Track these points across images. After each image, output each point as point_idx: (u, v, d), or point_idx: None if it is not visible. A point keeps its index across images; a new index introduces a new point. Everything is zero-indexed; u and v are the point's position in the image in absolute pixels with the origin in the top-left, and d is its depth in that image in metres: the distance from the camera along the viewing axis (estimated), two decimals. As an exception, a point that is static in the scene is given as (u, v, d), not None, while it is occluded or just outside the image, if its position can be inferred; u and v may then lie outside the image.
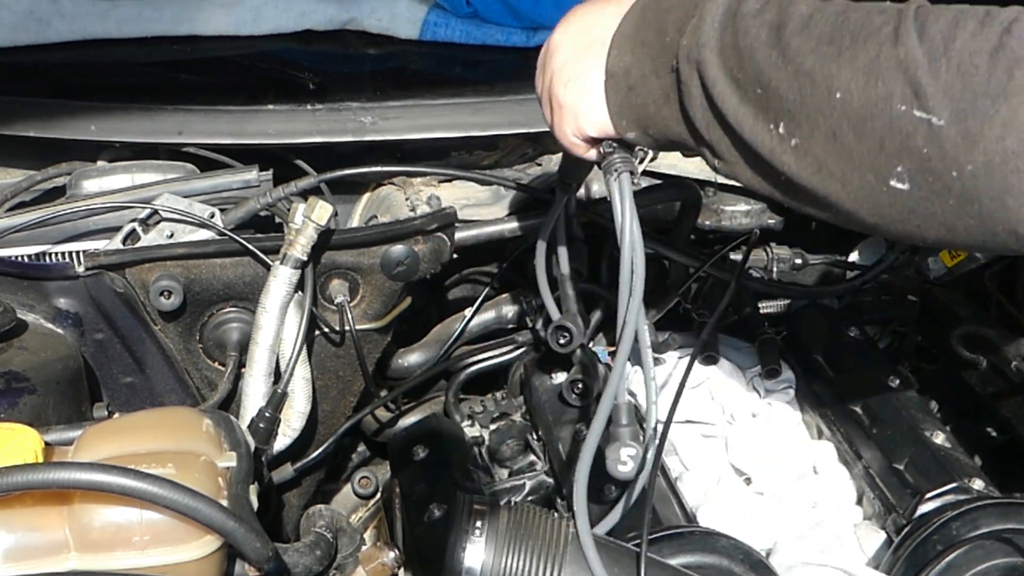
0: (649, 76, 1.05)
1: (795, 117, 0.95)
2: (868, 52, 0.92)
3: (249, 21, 1.63)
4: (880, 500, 1.25)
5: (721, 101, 0.99)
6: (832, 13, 0.97)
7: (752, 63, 0.97)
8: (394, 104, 1.51)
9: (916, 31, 0.91)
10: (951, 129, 0.88)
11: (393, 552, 1.28)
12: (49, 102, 1.49)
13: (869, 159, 0.92)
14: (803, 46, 0.96)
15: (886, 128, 0.91)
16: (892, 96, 0.90)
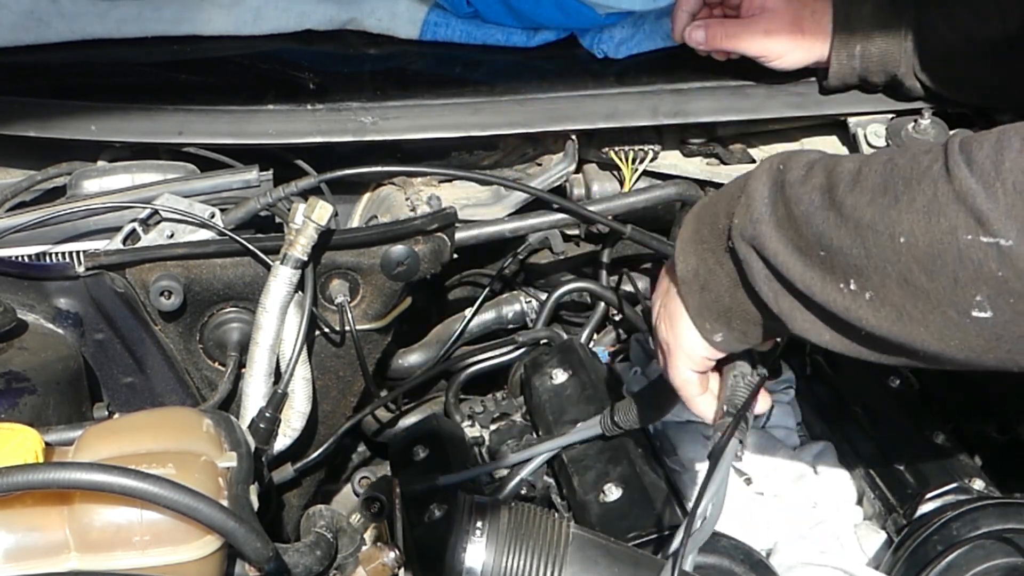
0: (715, 268, 1.06)
1: (863, 271, 0.97)
2: (925, 193, 0.94)
3: (249, 21, 1.63)
4: (880, 500, 1.25)
5: (786, 270, 1.00)
6: (879, 163, 0.99)
7: (810, 228, 0.99)
8: (394, 104, 1.51)
9: (964, 162, 0.93)
10: (1021, 247, 0.89)
11: (393, 552, 1.28)
12: (49, 102, 1.49)
13: (946, 295, 0.93)
14: (858, 201, 0.97)
15: (956, 261, 0.92)
16: (956, 229, 0.92)
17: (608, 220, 1.47)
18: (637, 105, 1.53)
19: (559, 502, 1.30)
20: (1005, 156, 0.91)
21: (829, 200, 0.99)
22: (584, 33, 1.63)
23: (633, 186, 1.56)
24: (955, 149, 0.94)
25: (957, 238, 0.92)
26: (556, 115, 1.52)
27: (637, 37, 1.62)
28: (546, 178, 1.56)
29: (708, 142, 1.60)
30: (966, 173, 0.92)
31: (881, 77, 1.50)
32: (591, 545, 1.06)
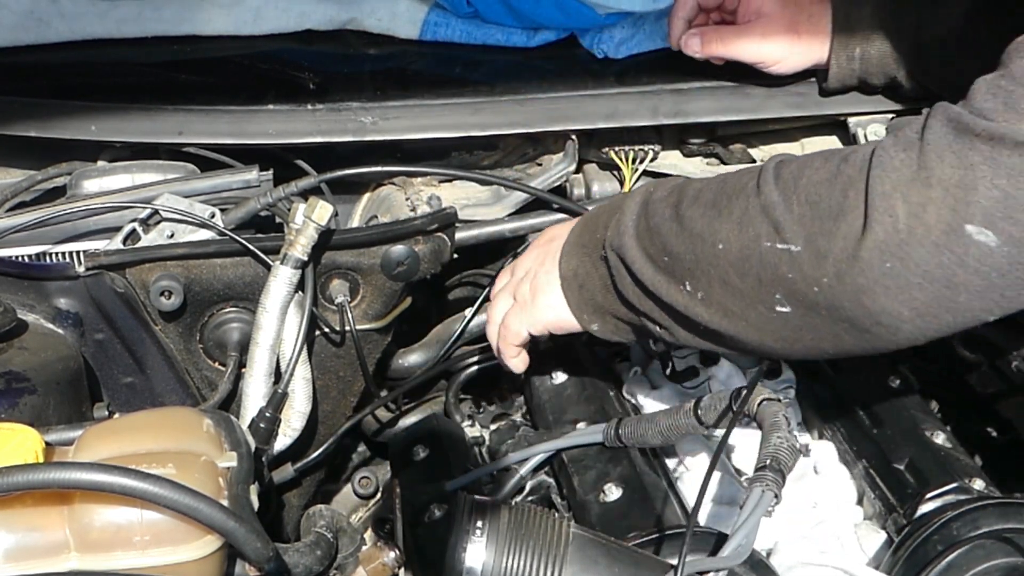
0: (591, 272, 1.22)
1: (695, 274, 1.12)
2: (740, 206, 1.09)
3: (249, 21, 1.63)
4: (880, 500, 1.25)
5: (642, 275, 1.16)
6: (716, 182, 1.16)
7: (659, 237, 1.15)
8: (394, 104, 1.51)
9: (773, 178, 1.08)
10: (805, 252, 1.03)
11: (393, 552, 1.28)
12: (49, 102, 1.49)
13: (755, 294, 1.08)
14: (694, 213, 1.13)
15: (760, 265, 1.07)
16: (760, 237, 1.07)
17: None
18: (637, 105, 1.53)
19: (559, 502, 1.30)
20: (805, 172, 1.06)
21: (675, 213, 1.15)
22: (584, 33, 1.63)
23: (633, 186, 1.56)
24: (769, 168, 1.09)
25: (760, 245, 1.06)
26: (556, 115, 1.52)
27: (637, 37, 1.62)
28: (546, 178, 1.56)
29: (708, 142, 1.61)
30: (772, 187, 1.07)
31: (881, 79, 1.50)
32: (591, 545, 1.06)
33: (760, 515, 0.97)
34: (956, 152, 0.97)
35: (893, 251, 0.99)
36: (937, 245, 0.97)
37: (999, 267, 0.97)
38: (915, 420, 1.33)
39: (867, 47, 1.47)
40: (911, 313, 1.01)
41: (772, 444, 1.03)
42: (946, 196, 0.96)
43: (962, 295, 0.99)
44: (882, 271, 0.99)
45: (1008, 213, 0.95)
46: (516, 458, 1.30)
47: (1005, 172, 0.94)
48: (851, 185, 1.02)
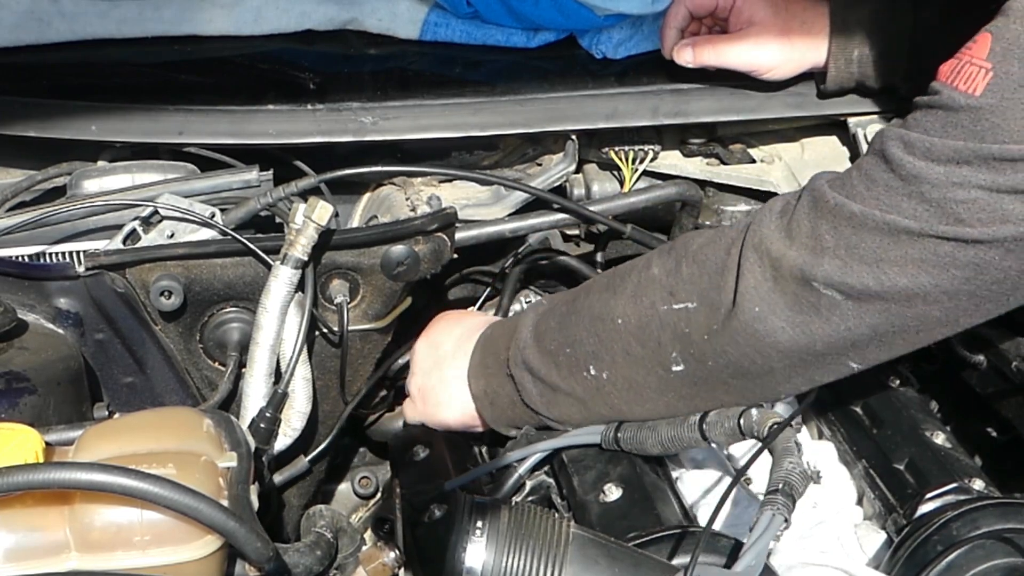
0: (499, 389, 1.30)
1: (598, 354, 1.20)
2: (632, 281, 1.20)
3: (250, 21, 1.63)
4: (880, 500, 1.25)
5: (548, 378, 1.24)
6: (610, 271, 1.26)
7: (559, 333, 1.24)
8: (394, 104, 1.51)
9: (666, 251, 1.20)
10: (701, 307, 1.14)
11: (393, 552, 1.28)
12: (49, 102, 1.49)
13: (655, 356, 1.17)
14: (591, 300, 1.23)
15: (659, 327, 1.16)
16: (655, 303, 1.17)
17: (608, 220, 1.47)
18: (637, 105, 1.53)
19: (559, 502, 1.30)
20: (695, 240, 1.19)
21: (571, 308, 1.25)
22: (583, 34, 1.63)
23: (633, 186, 1.56)
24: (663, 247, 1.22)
25: (657, 310, 1.17)
26: (556, 115, 1.52)
27: (636, 38, 1.62)
28: (546, 178, 1.56)
29: (708, 142, 1.61)
30: (666, 257, 1.19)
31: (878, 81, 1.50)
32: (591, 545, 1.06)
33: (770, 538, 0.98)
34: (811, 221, 1.09)
35: (761, 296, 1.10)
36: (795, 294, 1.09)
37: (847, 317, 1.08)
38: (915, 420, 1.33)
39: (865, 49, 1.47)
40: (779, 356, 1.12)
41: (784, 469, 1.04)
42: (799, 255, 1.08)
43: (819, 344, 1.10)
44: (752, 315, 1.10)
45: (843, 278, 1.06)
46: (515, 457, 1.30)
47: (844, 245, 1.06)
48: (732, 243, 1.14)
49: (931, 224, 1.03)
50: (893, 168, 1.05)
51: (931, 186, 1.03)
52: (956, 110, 1.02)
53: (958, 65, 1.04)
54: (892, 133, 1.07)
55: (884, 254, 1.05)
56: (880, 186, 1.06)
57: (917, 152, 1.04)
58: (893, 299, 1.06)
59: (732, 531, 1.15)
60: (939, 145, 1.03)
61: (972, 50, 1.04)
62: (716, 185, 1.60)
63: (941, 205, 1.03)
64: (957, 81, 1.03)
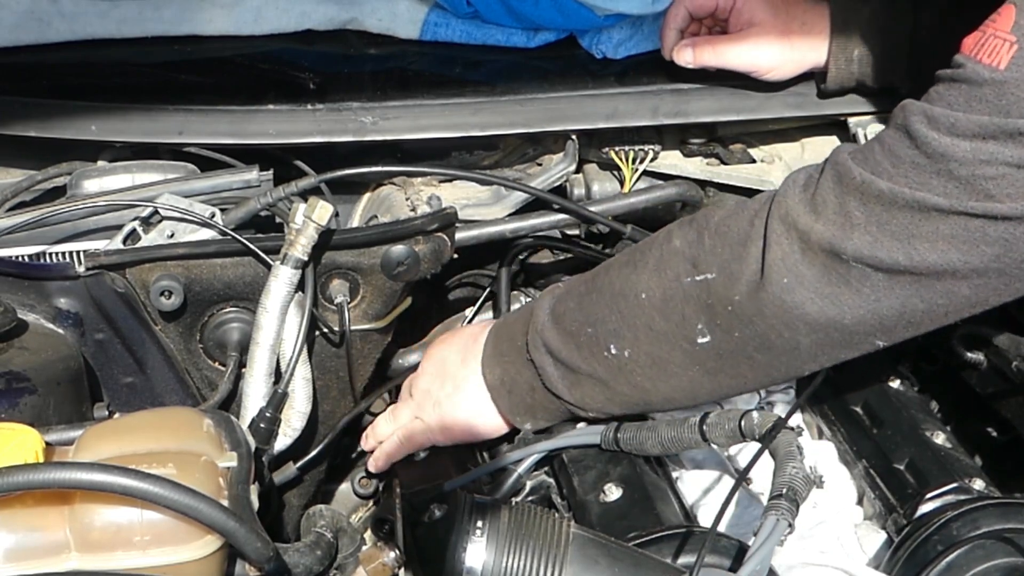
0: (516, 376, 1.28)
1: (620, 332, 1.19)
2: (654, 254, 1.20)
3: (250, 21, 1.63)
4: (880, 500, 1.25)
5: (568, 360, 1.23)
6: (630, 247, 1.26)
7: (579, 313, 1.22)
8: (394, 104, 1.51)
9: (687, 223, 1.20)
10: (720, 276, 1.13)
11: (393, 552, 1.28)
12: (49, 102, 1.49)
13: (679, 330, 1.16)
14: (611, 276, 1.23)
15: (683, 300, 1.16)
16: (679, 275, 1.16)
17: (608, 220, 1.47)
18: (637, 105, 1.53)
19: (559, 502, 1.30)
20: (716, 212, 1.18)
21: (591, 285, 1.24)
22: (583, 34, 1.63)
23: (633, 186, 1.56)
24: (683, 219, 1.21)
25: (681, 282, 1.16)
26: (556, 115, 1.52)
27: (636, 38, 1.62)
28: (546, 178, 1.56)
29: (708, 142, 1.60)
30: (687, 229, 1.19)
31: (879, 81, 1.50)
32: (591, 545, 1.06)
33: (774, 543, 0.99)
34: (837, 197, 1.09)
35: (789, 267, 1.10)
36: (824, 266, 1.09)
37: (877, 289, 1.08)
38: (915, 420, 1.33)
39: (865, 49, 1.47)
40: (806, 329, 1.12)
41: (788, 473, 1.04)
42: (827, 230, 1.09)
43: (847, 317, 1.10)
44: (780, 286, 1.10)
45: (874, 252, 1.07)
46: (515, 457, 1.30)
47: (875, 222, 1.07)
48: (756, 215, 1.14)
49: (961, 200, 1.03)
50: (918, 145, 1.05)
51: (958, 163, 1.03)
52: (980, 84, 1.02)
53: (982, 38, 1.04)
54: (915, 107, 1.07)
55: (915, 230, 1.05)
56: (906, 163, 1.06)
57: (942, 128, 1.04)
58: (923, 274, 1.06)
59: (732, 531, 1.16)
60: (964, 120, 1.03)
61: (997, 22, 1.03)
62: (716, 185, 1.60)
63: (970, 182, 1.03)
64: (981, 54, 1.03)
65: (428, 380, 1.36)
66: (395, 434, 1.39)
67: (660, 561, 1.07)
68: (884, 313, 1.10)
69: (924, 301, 1.09)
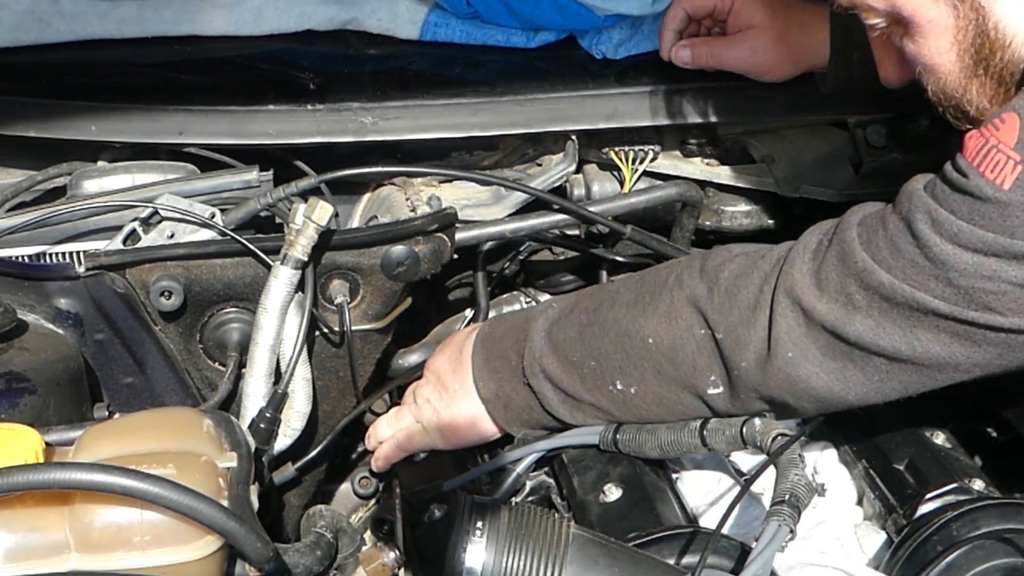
0: (512, 394, 1.28)
1: (625, 370, 1.20)
2: (664, 301, 1.19)
3: (250, 22, 1.63)
4: (880, 500, 1.25)
5: (571, 390, 1.23)
6: (633, 282, 1.25)
7: (581, 345, 1.22)
8: (394, 104, 1.51)
9: (698, 271, 1.19)
10: (727, 339, 1.14)
11: (393, 552, 1.28)
12: (49, 102, 1.49)
13: (689, 379, 1.17)
14: (617, 314, 1.21)
15: (695, 351, 1.16)
16: (692, 327, 1.16)
17: (608, 220, 1.47)
18: (637, 105, 1.53)
19: (559, 502, 1.30)
20: (727, 267, 1.17)
21: (593, 318, 1.23)
22: (583, 34, 1.63)
23: (633, 186, 1.56)
24: (692, 262, 1.21)
25: (694, 333, 1.16)
26: (556, 115, 1.52)
27: (636, 39, 1.62)
28: (546, 178, 1.56)
29: (708, 142, 1.61)
30: (697, 280, 1.18)
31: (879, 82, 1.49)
32: (591, 545, 1.06)
33: (775, 548, 0.99)
34: (839, 276, 1.09)
35: (794, 341, 1.11)
36: (828, 343, 1.10)
37: (880, 371, 1.10)
38: (915, 420, 1.32)
39: (865, 51, 1.47)
40: (811, 399, 1.14)
41: (790, 480, 1.05)
42: (830, 310, 1.09)
43: (851, 393, 1.13)
44: (785, 360, 1.11)
45: (876, 340, 1.08)
46: (514, 457, 1.30)
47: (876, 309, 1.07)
48: (765, 281, 1.14)
49: (961, 309, 1.04)
50: (920, 245, 1.05)
51: (959, 274, 1.03)
52: (984, 200, 1.02)
53: (984, 146, 1.03)
54: (920, 203, 1.06)
55: (917, 323, 1.07)
56: (906, 260, 1.06)
57: (945, 234, 1.04)
58: (926, 364, 1.08)
59: (731, 531, 1.15)
60: (967, 232, 1.03)
61: (1000, 132, 1.02)
62: (716, 185, 1.60)
63: (970, 293, 1.03)
64: (984, 167, 1.02)
65: (427, 388, 1.37)
66: (395, 437, 1.40)
67: (660, 561, 1.07)
68: (887, 391, 1.12)
69: (925, 384, 1.11)
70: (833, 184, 1.55)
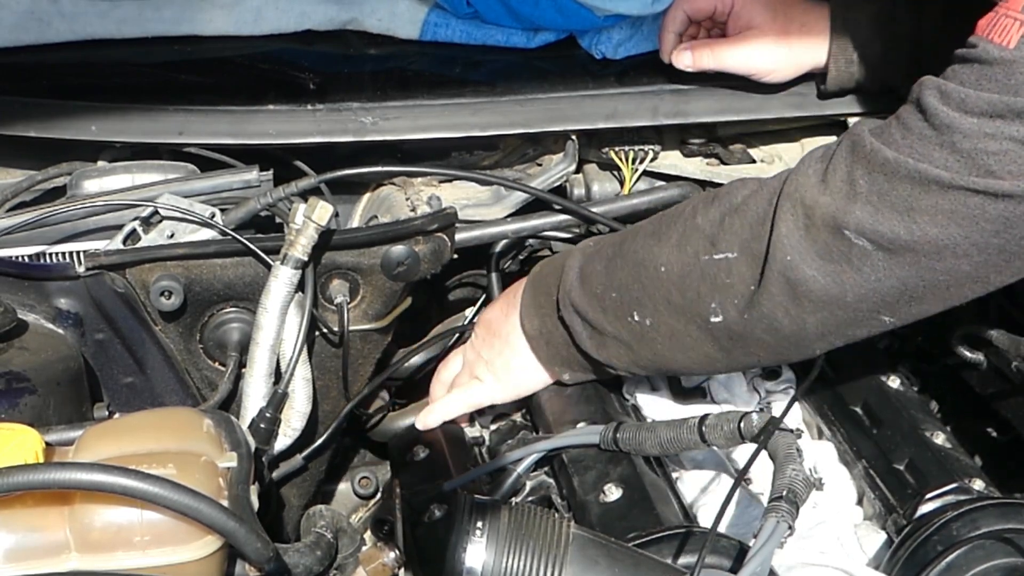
0: (552, 330, 1.31)
1: (641, 300, 1.22)
2: (677, 229, 1.21)
3: (250, 22, 1.63)
4: (880, 500, 1.25)
5: (595, 321, 1.25)
6: (656, 217, 1.27)
7: (605, 276, 1.24)
8: (394, 104, 1.51)
9: (711, 199, 1.20)
10: (743, 257, 1.15)
11: (393, 552, 1.28)
12: (49, 102, 1.49)
13: (694, 307, 1.18)
14: (637, 245, 1.24)
15: (700, 277, 1.17)
16: (698, 252, 1.17)
17: (608, 220, 1.47)
18: (637, 105, 1.53)
19: (559, 502, 1.30)
20: (738, 191, 1.18)
21: (617, 251, 1.25)
22: (583, 34, 1.63)
23: (633, 186, 1.56)
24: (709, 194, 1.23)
25: (699, 259, 1.17)
26: (556, 115, 1.52)
27: (635, 39, 1.62)
28: (546, 178, 1.56)
29: (708, 142, 1.60)
30: (712, 207, 1.19)
31: (879, 82, 1.50)
32: (591, 545, 1.06)
33: (774, 545, 0.99)
34: (847, 166, 1.10)
35: (793, 244, 1.11)
36: (826, 243, 1.10)
37: (877, 269, 1.09)
38: (915, 420, 1.33)
39: (865, 50, 1.47)
40: (810, 306, 1.12)
41: (787, 475, 1.04)
42: (832, 202, 1.10)
43: (849, 295, 1.11)
44: (784, 263, 1.11)
45: (875, 226, 1.07)
46: (514, 457, 1.31)
47: (876, 192, 1.07)
48: (773, 193, 1.15)
49: (961, 175, 1.04)
50: (927, 117, 1.06)
51: (963, 136, 1.04)
52: (990, 63, 1.03)
53: (995, 18, 1.05)
54: (930, 82, 1.08)
55: (915, 203, 1.06)
56: (914, 134, 1.07)
57: (952, 102, 1.05)
58: (923, 251, 1.07)
59: (732, 531, 1.16)
60: (973, 97, 1.04)
61: (1009, 2, 1.05)
62: (716, 185, 1.60)
63: (972, 156, 1.03)
64: (992, 33, 1.04)
65: (479, 342, 1.41)
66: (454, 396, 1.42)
67: (660, 561, 1.07)
68: (885, 291, 1.10)
69: (924, 280, 1.09)
70: (833, 184, 1.54)
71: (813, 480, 1.07)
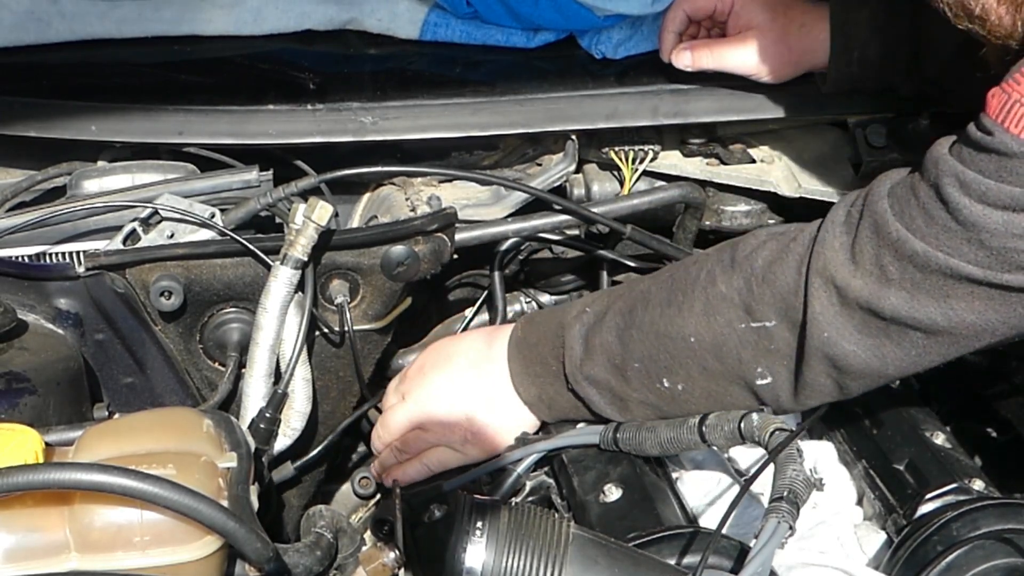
0: (556, 398, 1.29)
1: (671, 369, 1.20)
2: (699, 299, 1.19)
3: (249, 22, 1.63)
4: (880, 500, 1.25)
5: (618, 390, 1.24)
6: (663, 281, 1.24)
7: (622, 348, 1.22)
8: (394, 104, 1.51)
9: (729, 262, 1.19)
10: (782, 324, 1.15)
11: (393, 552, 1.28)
12: (49, 102, 1.49)
13: (736, 371, 1.18)
14: (652, 316, 1.21)
15: (738, 345, 1.17)
16: (731, 322, 1.17)
17: (608, 220, 1.47)
18: (637, 105, 1.53)
19: (559, 502, 1.30)
20: (759, 254, 1.17)
21: (630, 320, 1.23)
22: (583, 34, 1.63)
23: (633, 186, 1.56)
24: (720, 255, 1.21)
25: (734, 328, 1.16)
26: (556, 115, 1.52)
27: (635, 38, 1.62)
28: (546, 178, 1.56)
29: (708, 142, 1.60)
30: (730, 273, 1.18)
31: (879, 82, 1.50)
32: (591, 545, 1.06)
33: (775, 546, 0.99)
34: (874, 249, 1.10)
35: (829, 321, 1.12)
36: (863, 320, 1.11)
37: (917, 346, 1.10)
38: (915, 420, 1.33)
39: (865, 51, 1.47)
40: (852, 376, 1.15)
41: (788, 476, 1.04)
42: (864, 286, 1.10)
43: (891, 368, 1.13)
44: (822, 340, 1.12)
45: (911, 312, 1.08)
46: (514, 457, 1.30)
47: (910, 280, 1.08)
48: (801, 262, 1.14)
49: (994, 272, 1.04)
50: (950, 210, 1.05)
51: (990, 234, 1.03)
52: (1010, 156, 1.02)
53: (1007, 102, 1.03)
54: (947, 167, 1.06)
55: (950, 291, 1.07)
56: (939, 226, 1.06)
57: (973, 195, 1.04)
58: (961, 334, 1.09)
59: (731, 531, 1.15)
60: (995, 190, 1.03)
61: (1022, 85, 1.03)
62: (716, 185, 1.60)
63: (1002, 254, 1.03)
64: (1008, 122, 1.02)
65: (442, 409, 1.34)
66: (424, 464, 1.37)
67: (660, 562, 1.07)
68: (926, 364, 1.13)
69: (961, 352, 1.12)
70: (833, 184, 1.55)
71: (813, 480, 1.07)
